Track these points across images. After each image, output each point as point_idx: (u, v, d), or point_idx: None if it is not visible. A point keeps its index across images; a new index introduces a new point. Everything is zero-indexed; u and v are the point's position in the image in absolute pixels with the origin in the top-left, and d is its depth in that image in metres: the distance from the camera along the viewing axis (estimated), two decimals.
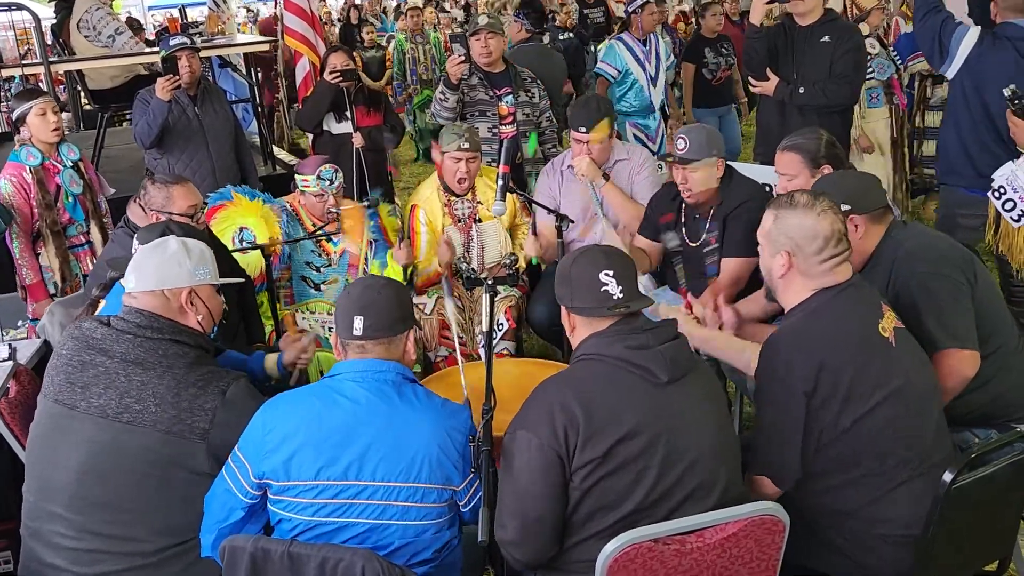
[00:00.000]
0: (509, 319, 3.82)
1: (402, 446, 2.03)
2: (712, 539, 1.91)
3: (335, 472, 2.01)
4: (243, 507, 2.08)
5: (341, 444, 2.02)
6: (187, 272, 2.31)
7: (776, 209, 2.29)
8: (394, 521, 2.03)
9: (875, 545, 2.20)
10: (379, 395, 2.07)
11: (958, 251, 2.58)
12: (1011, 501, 2.34)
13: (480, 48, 4.66)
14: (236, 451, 2.09)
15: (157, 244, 2.36)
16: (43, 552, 2.18)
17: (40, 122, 3.98)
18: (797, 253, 2.22)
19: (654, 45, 6.05)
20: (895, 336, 2.22)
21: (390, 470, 2.02)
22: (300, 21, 6.07)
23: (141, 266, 2.30)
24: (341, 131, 5.07)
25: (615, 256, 2.11)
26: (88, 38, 6.08)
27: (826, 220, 2.19)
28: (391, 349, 2.14)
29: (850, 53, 4.26)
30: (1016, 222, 3.26)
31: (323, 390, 2.12)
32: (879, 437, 2.15)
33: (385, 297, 2.15)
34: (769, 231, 2.30)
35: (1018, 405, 2.56)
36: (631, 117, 6.04)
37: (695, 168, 3.36)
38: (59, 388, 2.21)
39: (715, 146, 3.38)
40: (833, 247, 2.20)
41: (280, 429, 2.04)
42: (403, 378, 2.12)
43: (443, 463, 2.05)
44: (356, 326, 2.10)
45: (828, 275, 2.22)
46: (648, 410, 1.96)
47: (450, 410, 2.14)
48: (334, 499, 2.02)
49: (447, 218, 4.00)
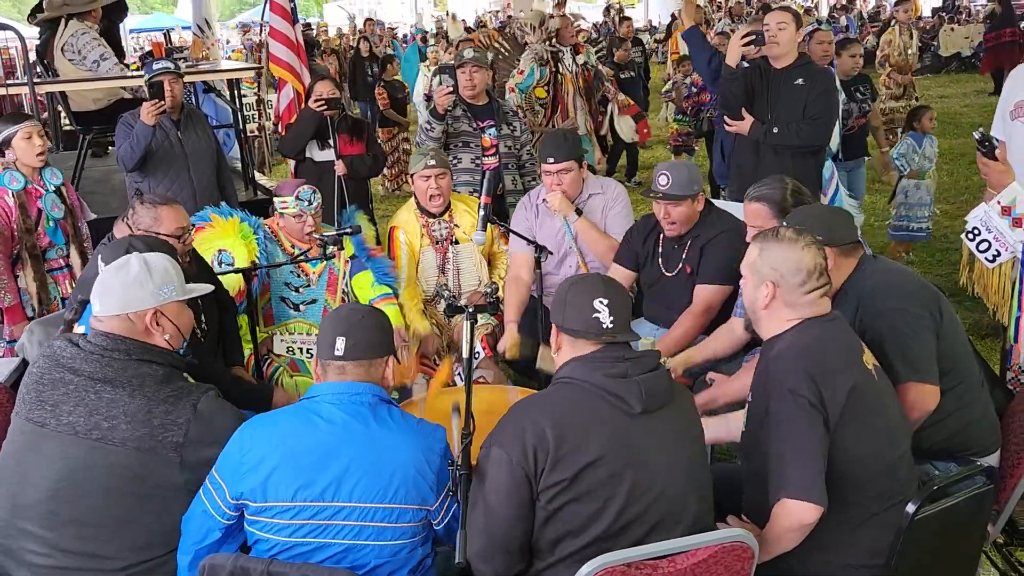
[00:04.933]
0: (486, 347, 3.87)
1: (379, 467, 2.05)
2: (683, 564, 1.95)
3: (312, 493, 2.03)
4: (220, 528, 2.09)
5: (318, 466, 2.04)
6: (149, 293, 2.30)
7: (762, 242, 2.37)
8: (370, 541, 2.06)
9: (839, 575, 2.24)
10: (356, 417, 2.10)
11: (925, 288, 2.66)
12: (972, 533, 2.40)
13: (465, 80, 4.75)
14: (213, 472, 2.10)
15: (119, 266, 2.34)
16: (14, 569, 2.17)
17: (25, 146, 3.99)
18: (781, 284, 2.29)
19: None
20: (875, 371, 2.29)
21: (367, 491, 2.04)
22: (285, 49, 6.12)
23: (104, 290, 2.30)
24: (323, 158, 5.11)
25: (613, 287, 2.16)
26: (73, 62, 6.10)
27: (809, 254, 2.28)
28: (371, 371, 2.18)
29: (823, 96, 4.39)
30: (991, 263, 3.32)
31: (300, 412, 2.14)
32: (863, 467, 2.19)
33: (368, 321, 2.21)
34: (754, 262, 2.36)
35: (978, 439, 2.63)
36: None
37: (677, 204, 3.45)
38: (30, 406, 2.22)
39: (696, 182, 3.50)
40: (816, 280, 2.28)
41: (257, 450, 2.06)
42: (379, 400, 2.16)
43: (419, 483, 2.07)
44: (338, 346, 2.14)
45: (811, 307, 2.29)
46: (618, 439, 2.00)
47: (426, 431, 2.16)
48: (311, 520, 2.04)
49: (425, 239, 4.06)
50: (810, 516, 2.10)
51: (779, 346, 2.30)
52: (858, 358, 2.27)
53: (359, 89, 12.67)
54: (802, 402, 2.14)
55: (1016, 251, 3.15)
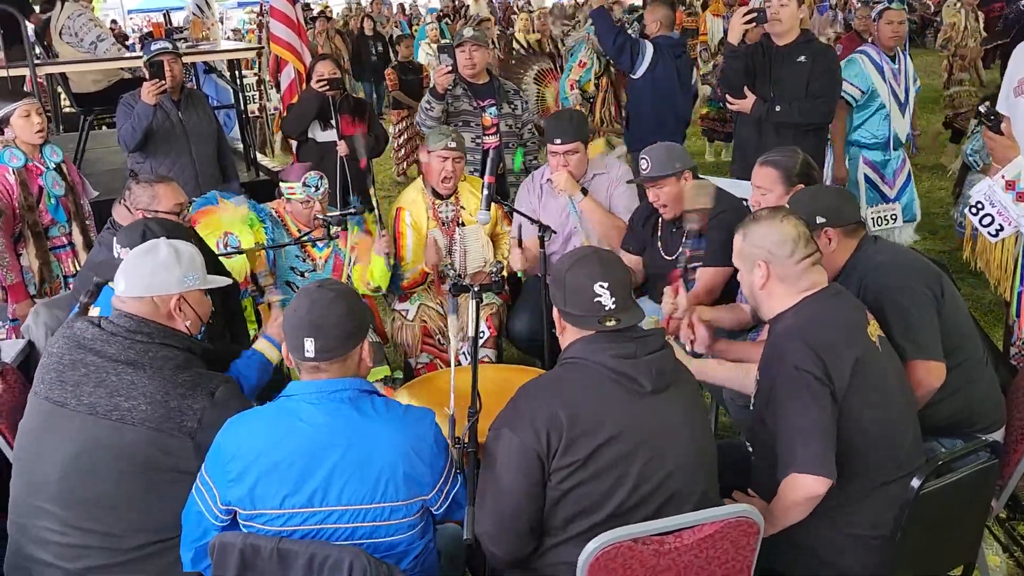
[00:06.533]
0: (491, 327, 3.88)
1: (366, 467, 1.98)
2: (689, 540, 1.96)
3: (300, 500, 1.97)
4: (216, 528, 2.06)
5: (304, 471, 1.97)
6: (176, 279, 2.33)
7: (742, 228, 2.42)
8: (364, 540, 2.01)
9: (845, 546, 2.26)
10: (337, 415, 2.01)
11: (927, 266, 2.66)
12: (976, 508, 2.42)
13: (465, 60, 4.73)
14: (204, 473, 2.06)
15: (148, 249, 2.37)
16: (29, 547, 2.20)
17: (24, 123, 3.98)
18: (772, 260, 2.32)
19: (904, 62, 5.05)
20: (879, 343, 2.31)
21: (356, 492, 1.98)
22: (286, 28, 6.10)
23: (131, 271, 2.32)
24: (326, 139, 5.11)
25: (611, 265, 2.13)
26: (71, 44, 6.07)
27: (789, 224, 2.34)
28: (347, 364, 2.08)
29: (826, 73, 4.38)
30: (994, 237, 3.31)
31: (280, 414, 2.04)
32: (867, 438, 2.21)
33: (335, 313, 2.04)
34: (741, 248, 2.41)
35: (983, 416, 2.65)
36: (868, 151, 4.98)
37: (662, 184, 3.45)
38: (50, 386, 2.23)
39: (677, 159, 3.49)
40: (804, 248, 2.31)
41: (241, 458, 2.00)
42: (360, 392, 2.06)
43: (410, 476, 2.00)
44: (308, 348, 2.02)
45: (805, 278, 2.31)
46: (630, 418, 2.00)
47: (414, 418, 2.08)
48: (302, 525, 1.99)
49: (432, 220, 4.06)
50: (819, 488, 2.12)
51: (783, 323, 2.33)
52: (861, 331, 2.28)
53: (363, 69, 12.56)
54: (808, 377, 2.16)
55: (1020, 225, 3.14)
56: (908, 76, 5.00)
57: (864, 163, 4.97)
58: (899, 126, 4.94)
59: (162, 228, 2.72)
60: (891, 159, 4.98)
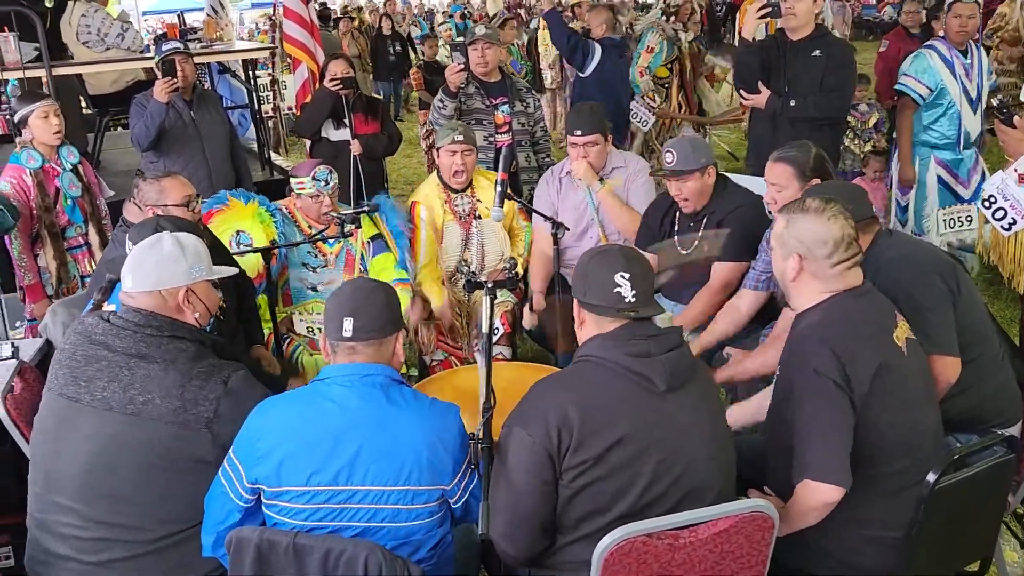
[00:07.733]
0: (505, 324, 3.89)
1: (392, 450, 2.02)
2: (704, 534, 1.96)
3: (326, 477, 2.00)
4: (239, 510, 2.10)
5: (331, 449, 2.01)
6: (183, 271, 2.34)
7: (788, 214, 2.35)
8: (385, 523, 2.04)
9: (860, 546, 2.25)
10: (368, 399, 2.06)
11: (941, 260, 2.65)
12: (992, 503, 2.41)
13: (477, 58, 4.74)
14: (231, 454, 2.10)
15: (152, 243, 2.37)
16: (50, 542, 2.22)
17: (42, 124, 4.03)
18: (808, 256, 2.27)
19: (976, 58, 4.82)
20: (906, 346, 2.27)
21: (380, 474, 2.01)
22: (299, 28, 6.13)
23: (137, 266, 2.33)
24: (339, 138, 5.12)
25: (634, 259, 2.13)
26: (88, 44, 6.09)
27: (836, 224, 2.25)
28: (381, 351, 2.13)
29: (841, 68, 4.35)
30: (1006, 231, 3.30)
31: (312, 395, 2.10)
32: (886, 443, 2.19)
33: (375, 299, 2.14)
34: (781, 234, 2.35)
35: (998, 411, 2.63)
36: (939, 151, 4.80)
37: (687, 179, 3.44)
38: (64, 382, 2.25)
39: (703, 154, 3.48)
40: (844, 251, 2.25)
41: (270, 436, 2.04)
42: (391, 380, 2.11)
43: (433, 464, 2.04)
44: (346, 327, 2.09)
45: (840, 279, 2.27)
46: (643, 417, 1.99)
47: (439, 410, 2.13)
48: (326, 503, 2.02)
49: (448, 214, 4.07)
50: (833, 496, 2.11)
51: (808, 320, 2.29)
52: (888, 335, 2.24)
53: (380, 69, 12.50)
54: (827, 382, 2.13)
55: None
56: (982, 72, 4.79)
57: (936, 163, 4.82)
58: (970, 124, 4.74)
59: (173, 226, 2.72)
60: (963, 158, 4.80)
